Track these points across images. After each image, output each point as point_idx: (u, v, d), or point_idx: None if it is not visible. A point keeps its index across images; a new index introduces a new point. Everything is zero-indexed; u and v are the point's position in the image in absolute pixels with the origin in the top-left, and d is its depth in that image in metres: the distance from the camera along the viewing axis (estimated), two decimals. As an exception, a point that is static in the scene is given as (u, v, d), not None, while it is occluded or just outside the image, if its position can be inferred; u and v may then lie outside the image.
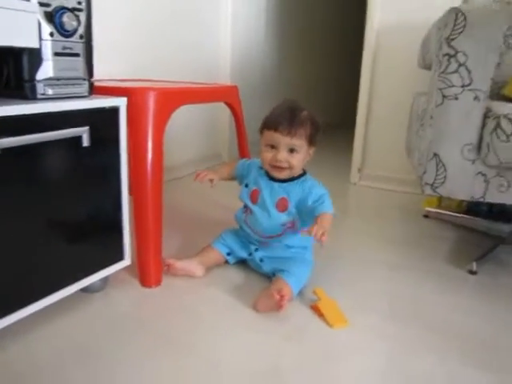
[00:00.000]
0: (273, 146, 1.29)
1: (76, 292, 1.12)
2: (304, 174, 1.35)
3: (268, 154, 1.30)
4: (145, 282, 1.30)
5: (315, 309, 1.20)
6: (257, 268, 1.39)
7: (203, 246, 1.43)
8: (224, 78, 2.82)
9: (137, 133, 1.23)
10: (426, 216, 2.03)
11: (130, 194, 1.22)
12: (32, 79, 0.96)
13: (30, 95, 0.97)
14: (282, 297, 1.14)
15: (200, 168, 2.70)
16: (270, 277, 1.33)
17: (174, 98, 1.34)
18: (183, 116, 2.43)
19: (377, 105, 2.49)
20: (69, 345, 1.03)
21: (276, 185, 1.33)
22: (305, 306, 1.23)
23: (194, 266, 1.36)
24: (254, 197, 1.35)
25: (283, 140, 1.26)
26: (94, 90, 1.11)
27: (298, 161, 1.29)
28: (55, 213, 1.03)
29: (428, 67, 1.63)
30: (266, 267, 1.35)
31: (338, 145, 3.48)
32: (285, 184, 1.32)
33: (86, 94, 1.08)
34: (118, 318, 1.15)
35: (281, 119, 1.27)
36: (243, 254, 1.41)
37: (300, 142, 1.27)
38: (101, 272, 1.18)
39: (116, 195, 1.18)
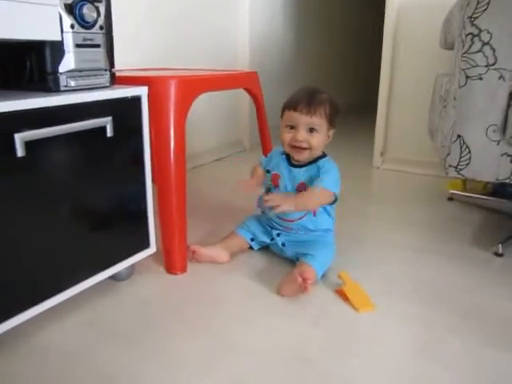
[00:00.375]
0: (292, 127, 1.30)
1: (104, 280, 1.14)
2: (323, 156, 1.35)
3: (287, 135, 1.30)
4: (170, 268, 1.31)
5: (340, 293, 1.20)
6: (280, 253, 1.40)
7: (227, 233, 1.44)
8: (243, 65, 2.81)
9: (159, 121, 1.23)
10: (450, 199, 2.00)
11: (153, 182, 1.23)
12: (55, 72, 0.98)
13: (53, 87, 0.98)
14: (304, 279, 1.15)
15: (222, 155, 2.72)
16: (293, 261, 1.34)
17: (194, 85, 1.34)
18: (204, 104, 2.44)
19: (398, 86, 2.46)
20: (99, 331, 1.05)
21: (295, 170, 1.33)
22: (329, 291, 1.23)
23: (218, 252, 1.37)
24: (275, 180, 1.36)
25: (302, 119, 1.27)
26: (115, 81, 1.12)
27: (317, 141, 1.29)
28: (82, 203, 1.04)
29: (450, 47, 1.60)
30: (289, 251, 1.36)
31: (359, 129, 3.45)
32: (303, 169, 1.33)
33: (108, 84, 1.09)
34: (145, 304, 1.17)
35: (300, 99, 1.28)
36: (266, 239, 1.42)
37: (320, 121, 1.28)
38: (127, 260, 1.19)
39: (140, 184, 1.19)
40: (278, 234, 1.39)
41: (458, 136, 1.34)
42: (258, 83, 1.72)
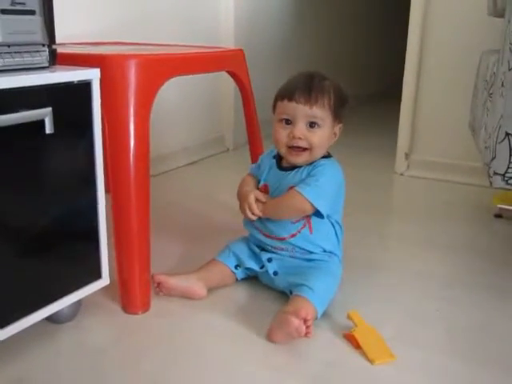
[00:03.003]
0: (288, 121, 1.33)
1: (39, 322, 1.13)
2: (326, 157, 1.38)
3: (282, 132, 1.33)
4: (128, 306, 1.31)
5: (350, 338, 1.20)
6: (270, 284, 1.41)
7: (204, 259, 1.44)
8: (226, 41, 2.82)
9: (115, 114, 1.23)
10: (498, 215, 2.02)
11: (107, 191, 1.23)
12: (-26, 47, 0.97)
13: (-29, 67, 0.98)
14: (304, 320, 1.14)
15: (198, 157, 2.71)
16: (287, 295, 1.34)
17: (162, 67, 1.34)
18: (175, 91, 2.44)
19: (430, 68, 2.48)
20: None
21: (284, 174, 1.37)
22: (336, 335, 1.23)
23: (192, 284, 1.36)
24: (265, 192, 1.40)
25: (300, 110, 1.30)
26: (56, 60, 1.11)
27: (320, 138, 1.32)
28: (9, 221, 1.03)
29: (500, 14, 1.61)
30: (281, 282, 1.37)
31: (378, 123, 3.47)
32: (294, 171, 1.36)
33: (47, 64, 1.08)
34: (92, 354, 1.15)
35: (297, 86, 1.31)
36: (254, 266, 1.42)
37: (322, 113, 1.31)
38: (71, 295, 1.18)
39: (90, 195, 1.19)
40: (270, 260, 1.39)
41: (507, 134, 1.35)
42: (245, 64, 1.73)
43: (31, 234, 1.08)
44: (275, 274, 1.38)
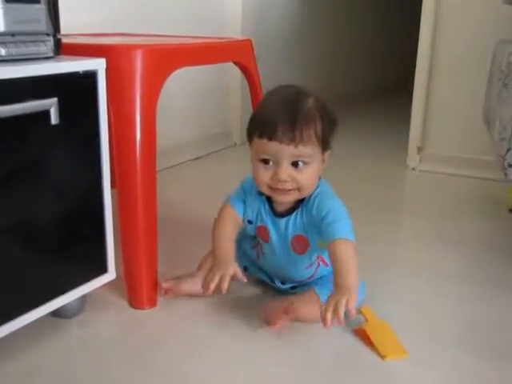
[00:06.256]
0: (267, 161, 1.18)
1: (45, 317, 1.14)
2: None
3: (264, 173, 1.19)
4: (135, 301, 1.32)
5: (361, 334, 1.21)
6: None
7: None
8: (233, 31, 2.82)
9: (120, 105, 1.24)
10: (512, 210, 2.02)
11: (113, 186, 1.23)
12: (-23, 36, 0.98)
13: (-26, 57, 0.98)
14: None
15: (204, 152, 2.71)
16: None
17: (168, 57, 1.34)
18: (180, 82, 2.44)
19: (443, 58, 2.47)
20: (37, 385, 1.06)
21: (282, 222, 1.27)
22: (346, 330, 1.23)
23: (198, 283, 1.31)
24: (265, 235, 1.32)
25: (285, 150, 1.15)
26: (61, 50, 1.11)
27: (308, 178, 1.19)
28: (14, 215, 1.04)
29: (516, 2, 1.61)
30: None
31: (391, 115, 3.45)
32: (292, 217, 1.26)
33: (52, 54, 1.08)
34: (99, 349, 1.17)
35: (277, 119, 1.15)
36: (263, 277, 1.41)
37: (311, 150, 1.17)
38: (77, 290, 1.19)
39: (95, 188, 1.20)
40: (283, 282, 1.37)
41: (522, 125, 1.36)
42: (253, 55, 1.73)
43: (35, 228, 1.09)
44: (293, 288, 1.36)
